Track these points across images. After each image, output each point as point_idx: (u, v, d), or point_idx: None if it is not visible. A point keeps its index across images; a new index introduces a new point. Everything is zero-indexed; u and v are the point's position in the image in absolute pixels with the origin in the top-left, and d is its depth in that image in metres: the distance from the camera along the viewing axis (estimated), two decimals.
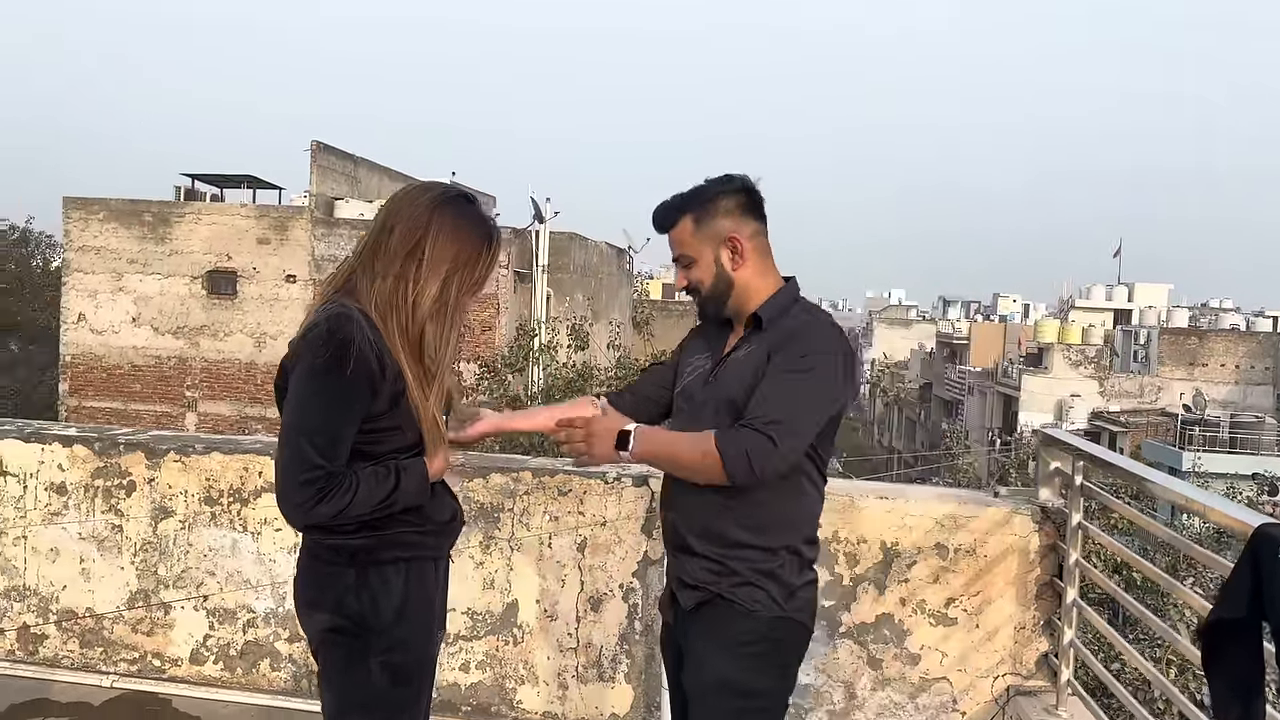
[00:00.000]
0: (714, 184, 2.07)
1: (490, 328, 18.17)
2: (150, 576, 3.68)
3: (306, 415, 1.80)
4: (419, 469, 1.90)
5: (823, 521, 3.25)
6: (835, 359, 1.99)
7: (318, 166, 19.58)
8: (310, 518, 1.80)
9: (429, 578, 1.97)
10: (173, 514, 3.65)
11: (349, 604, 1.87)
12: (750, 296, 2.08)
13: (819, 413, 1.97)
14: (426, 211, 1.88)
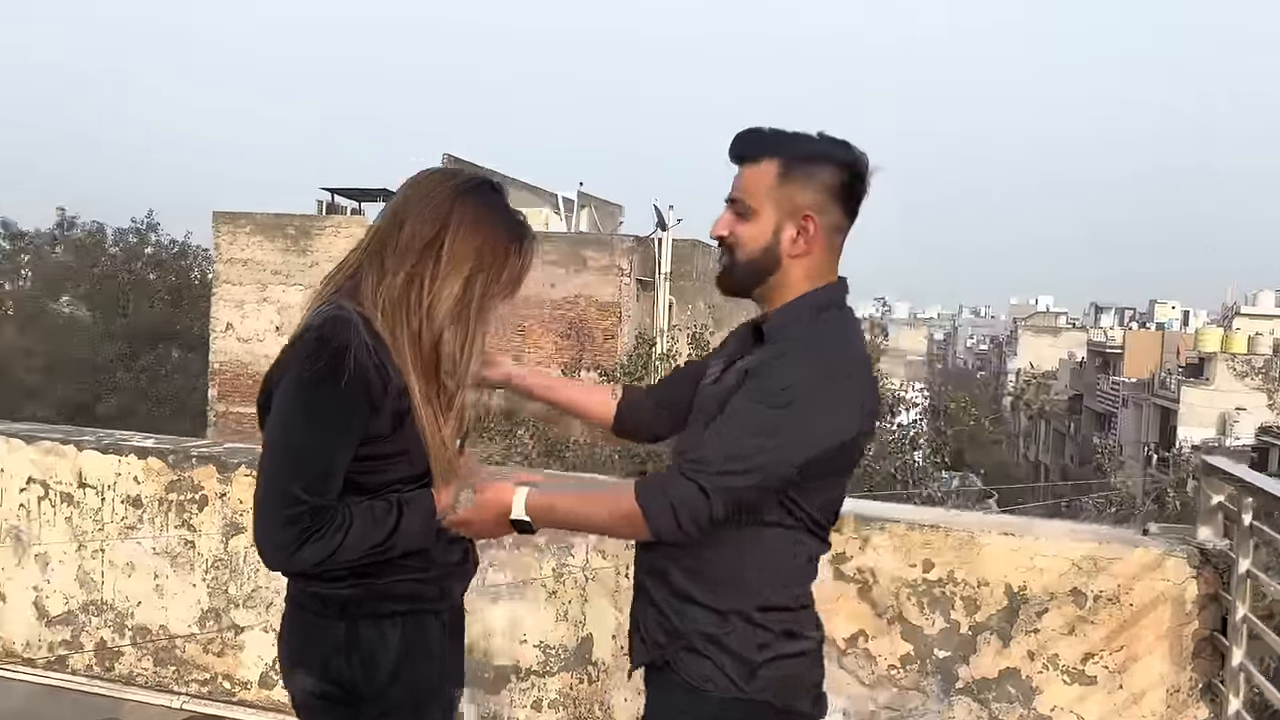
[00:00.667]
0: (826, 143, 1.62)
1: (612, 336, 18.06)
2: (221, 595, 3.56)
3: (292, 438, 1.53)
4: (424, 505, 1.61)
5: (938, 560, 2.93)
6: (826, 390, 1.56)
7: None
8: (293, 563, 1.54)
9: (433, 631, 1.68)
10: (243, 530, 3.52)
11: (336, 666, 1.60)
12: (784, 294, 1.66)
13: (784, 456, 1.53)
14: (447, 201, 1.61)
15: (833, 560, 2.95)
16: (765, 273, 1.65)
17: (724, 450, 1.52)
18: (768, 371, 1.56)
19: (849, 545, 2.94)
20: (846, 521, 2.95)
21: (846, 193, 1.63)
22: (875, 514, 2.98)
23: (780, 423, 1.51)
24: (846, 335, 1.67)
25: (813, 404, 1.53)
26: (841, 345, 1.64)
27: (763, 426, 1.51)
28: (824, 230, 1.63)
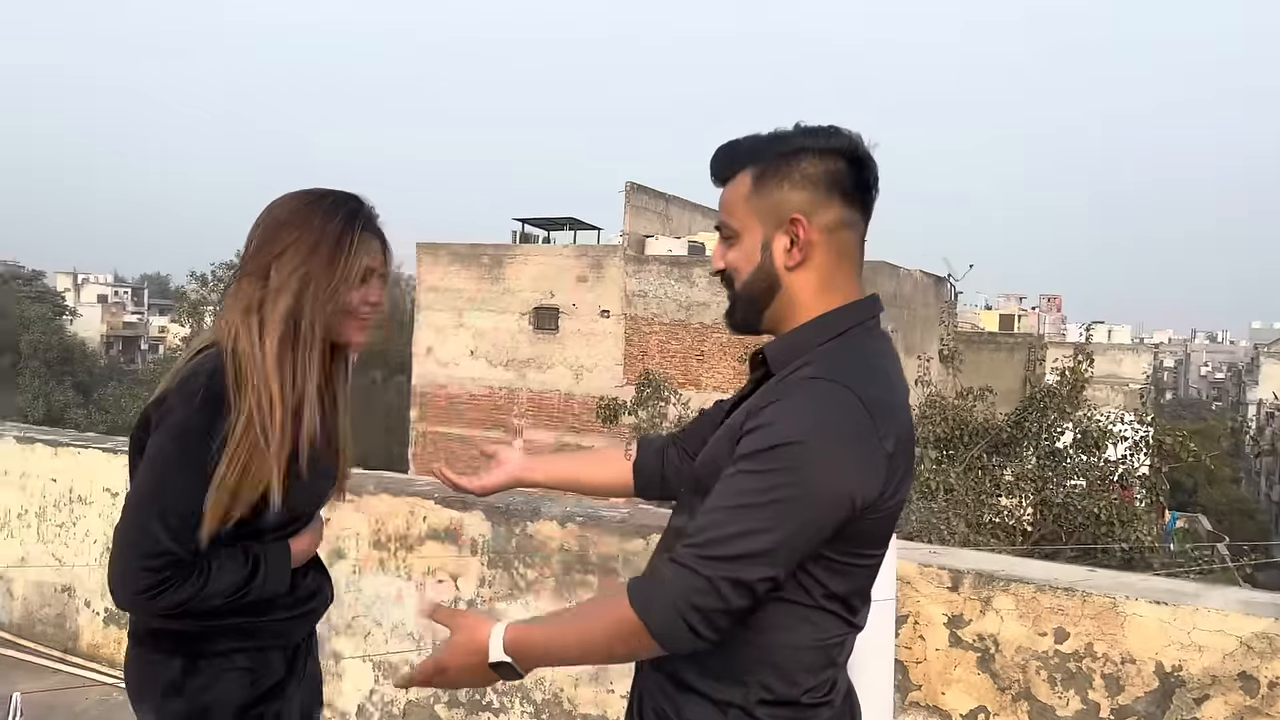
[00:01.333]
0: (801, 134, 1.34)
1: None
2: (323, 623, 3.54)
3: (164, 485, 1.46)
4: (281, 556, 1.58)
5: (1073, 629, 2.49)
6: (838, 441, 1.23)
7: (631, 206, 20.21)
8: (149, 609, 1.49)
9: (276, 668, 1.62)
10: (345, 556, 3.50)
11: (173, 705, 1.54)
12: (796, 315, 1.35)
13: (793, 530, 1.22)
14: (273, 215, 1.55)
15: (949, 623, 2.58)
16: (766, 297, 1.36)
17: (722, 528, 1.22)
18: (767, 420, 1.25)
19: (967, 607, 2.56)
20: (964, 579, 2.57)
21: (841, 182, 1.33)
22: (999, 571, 2.58)
23: (783, 489, 1.21)
24: (869, 364, 1.32)
25: (820, 461, 1.22)
26: (861, 377, 1.28)
27: (764, 493, 1.21)
28: (821, 230, 1.33)
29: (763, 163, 1.34)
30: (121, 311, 76.46)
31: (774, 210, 1.33)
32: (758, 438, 1.23)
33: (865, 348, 1.34)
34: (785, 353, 1.34)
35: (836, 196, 1.32)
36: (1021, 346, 26.21)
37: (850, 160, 1.33)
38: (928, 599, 2.61)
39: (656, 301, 19.67)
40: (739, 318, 1.40)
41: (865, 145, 1.34)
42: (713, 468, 1.33)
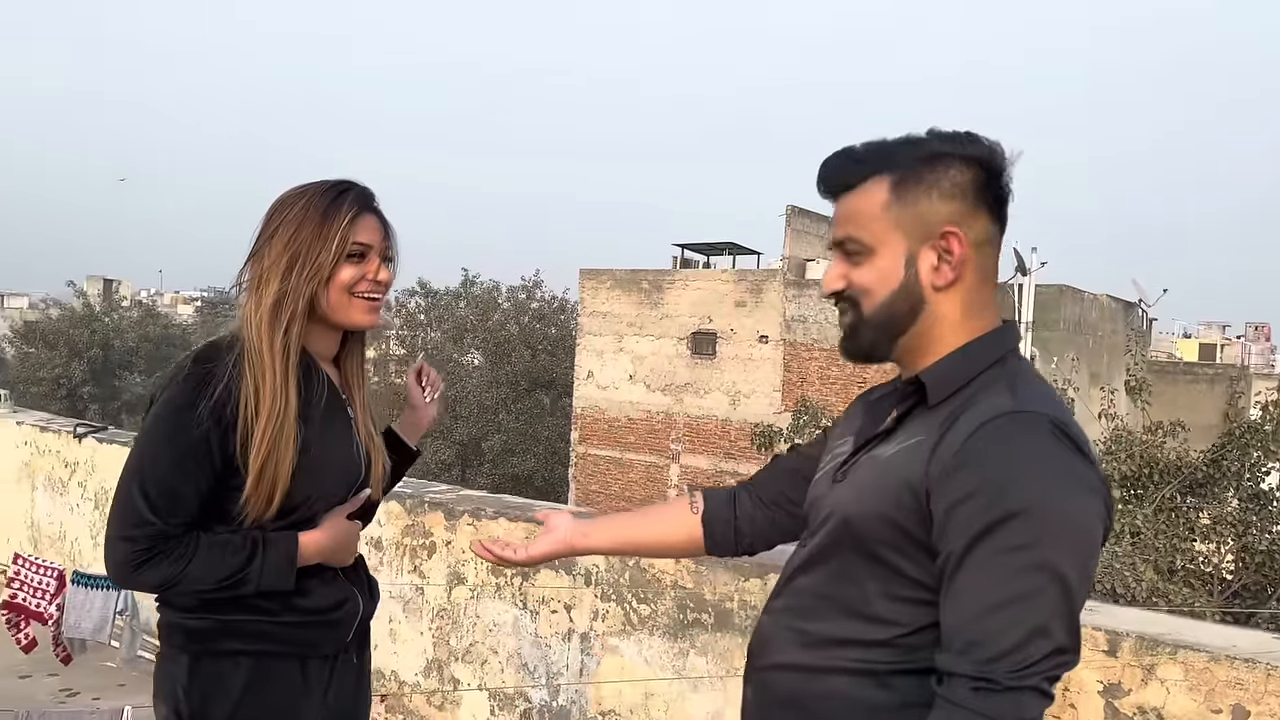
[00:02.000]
0: (943, 139, 1.20)
1: None
2: (444, 646, 3.51)
3: (145, 459, 1.47)
4: (285, 547, 1.51)
5: (1254, 707, 2.10)
6: (1070, 488, 1.07)
7: (792, 230, 19.85)
8: (133, 581, 1.48)
9: (286, 680, 1.55)
10: (464, 581, 3.46)
11: (180, 700, 1.52)
12: (937, 342, 1.20)
13: (1079, 588, 1.07)
14: (274, 203, 1.57)
15: (1105, 692, 2.25)
16: (905, 321, 1.20)
17: (1014, 631, 1.04)
18: (985, 481, 1.07)
19: (1127, 674, 2.23)
20: (1124, 642, 2.24)
21: (987, 194, 1.19)
22: (1165, 635, 2.23)
23: (1052, 562, 1.05)
24: (1048, 392, 1.18)
25: (1068, 509, 1.07)
26: (1053, 406, 1.14)
27: (1033, 572, 1.04)
28: (972, 245, 1.18)
29: (901, 169, 1.19)
30: None
31: (920, 222, 1.18)
32: (984, 504, 1.06)
33: (1031, 374, 1.19)
34: (946, 380, 1.17)
35: (984, 209, 1.18)
36: (1222, 378, 24.08)
37: (995, 171, 1.19)
38: (1081, 664, 2.28)
39: (817, 327, 19.20)
40: (866, 344, 1.23)
41: (1004, 154, 1.19)
42: (874, 521, 1.16)
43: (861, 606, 1.17)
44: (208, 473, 1.47)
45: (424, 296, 34.27)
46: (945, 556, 1.08)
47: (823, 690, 1.18)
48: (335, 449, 1.58)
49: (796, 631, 1.22)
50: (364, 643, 1.72)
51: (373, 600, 1.72)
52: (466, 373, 30.69)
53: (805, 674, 1.19)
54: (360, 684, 1.71)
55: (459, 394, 28.81)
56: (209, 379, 1.47)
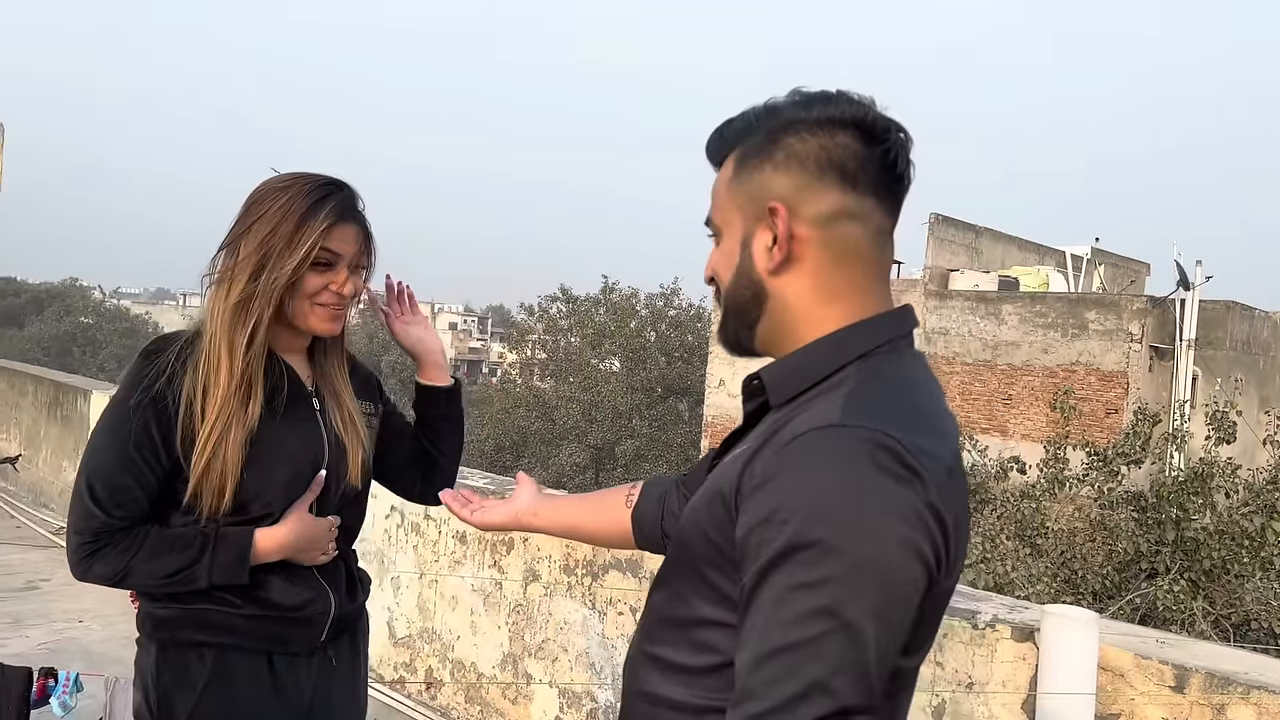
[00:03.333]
0: (795, 104, 1.06)
1: (1115, 410, 15.83)
2: (519, 641, 3.57)
3: (92, 453, 1.50)
4: (237, 542, 1.51)
5: None
6: (874, 514, 0.90)
7: (934, 239, 19.23)
8: (84, 574, 1.50)
9: (251, 674, 1.55)
10: (539, 578, 3.51)
11: (150, 688, 1.55)
12: (796, 331, 1.06)
13: (881, 639, 0.90)
14: (253, 193, 1.55)
15: None
16: (754, 309, 1.07)
17: (790, 681, 0.89)
18: (780, 502, 0.92)
19: (1194, 713, 2.07)
20: (1191, 678, 2.08)
21: (841, 161, 1.03)
22: (1239, 673, 2.06)
23: (844, 604, 0.89)
24: (900, 398, 1.00)
25: (871, 545, 0.90)
26: (894, 418, 0.95)
27: (819, 617, 0.89)
28: (812, 223, 1.03)
29: (748, 142, 1.08)
30: (468, 338, 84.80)
31: (753, 199, 1.06)
32: (776, 530, 0.91)
33: (893, 376, 1.02)
34: (787, 379, 1.05)
35: (832, 179, 1.03)
36: None
37: (864, 131, 1.03)
38: (1144, 698, 2.13)
39: (959, 340, 18.53)
40: (731, 335, 1.12)
41: (878, 112, 1.04)
42: (698, 536, 1.04)
43: (695, 632, 1.04)
44: (154, 466, 1.47)
45: (565, 302, 34.95)
46: (741, 589, 0.95)
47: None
48: (291, 441, 1.56)
49: (647, 655, 1.11)
50: (352, 644, 1.70)
51: (354, 600, 1.69)
52: (604, 378, 31.12)
53: (651, 703, 1.08)
54: (346, 685, 1.68)
55: (594, 398, 29.22)
56: (151, 372, 1.48)
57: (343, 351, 1.68)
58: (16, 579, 5.44)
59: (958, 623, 2.43)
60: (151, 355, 1.50)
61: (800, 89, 1.07)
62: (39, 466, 7.55)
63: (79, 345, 36.68)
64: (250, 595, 1.54)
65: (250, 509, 1.53)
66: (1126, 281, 22.44)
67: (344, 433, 1.62)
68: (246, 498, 1.51)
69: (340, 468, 1.62)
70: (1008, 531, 11.64)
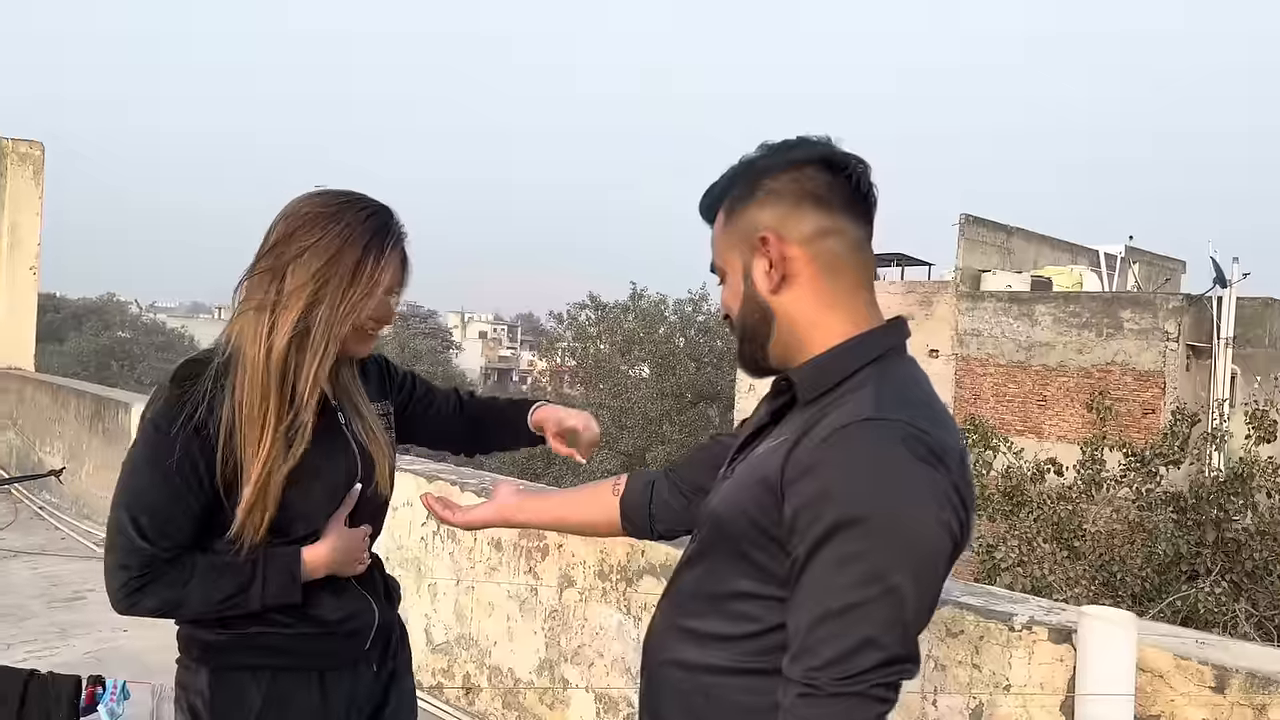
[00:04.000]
0: (766, 155, 1.25)
1: (1153, 411, 15.63)
2: (555, 647, 3.60)
3: (132, 485, 1.46)
4: (286, 562, 1.51)
5: None
6: (913, 487, 1.07)
7: (965, 239, 19.12)
8: (132, 610, 1.47)
9: (305, 693, 1.55)
10: (574, 584, 3.54)
11: (201, 712, 1.53)
12: (803, 342, 1.21)
13: (919, 598, 1.08)
14: (298, 213, 1.50)
15: None
16: (763, 330, 1.24)
17: (844, 640, 1.05)
18: (824, 487, 1.07)
19: (1235, 714, 2.05)
20: (1232, 679, 2.07)
21: (813, 190, 1.21)
22: (1278, 674, 2.04)
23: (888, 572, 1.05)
24: (917, 395, 1.17)
25: (906, 517, 1.06)
26: (913, 410, 1.12)
27: (867, 583, 1.05)
28: (798, 244, 1.20)
29: (733, 194, 1.26)
30: (498, 346, 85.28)
31: (745, 236, 1.23)
32: (826, 509, 1.06)
33: (904, 377, 1.19)
34: (814, 379, 1.19)
35: (809, 206, 1.20)
36: None
37: (826, 166, 1.21)
38: (1185, 699, 2.12)
39: (992, 341, 18.39)
40: (749, 358, 1.29)
41: (836, 148, 1.22)
42: (739, 518, 1.18)
43: (733, 604, 1.18)
44: (198, 495, 1.45)
45: (594, 309, 35.05)
46: (792, 561, 1.10)
47: (698, 686, 1.20)
48: (326, 460, 1.55)
49: (678, 628, 1.24)
50: (388, 651, 1.70)
51: (391, 606, 1.70)
52: (633, 384, 31.16)
53: (685, 670, 1.22)
54: (389, 693, 1.68)
55: (625, 405, 29.29)
56: (188, 400, 1.43)
57: (353, 360, 1.66)
58: (63, 589, 5.55)
59: (994, 625, 2.43)
60: (185, 381, 1.46)
61: (766, 142, 1.26)
62: (82, 479, 7.70)
63: (118, 359, 37.30)
64: (300, 614, 1.54)
65: (294, 529, 1.53)
66: (1162, 280, 22.19)
67: (369, 443, 1.62)
68: (290, 518, 1.51)
69: (371, 478, 1.63)
70: (1045, 534, 11.53)
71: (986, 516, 11.71)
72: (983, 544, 10.80)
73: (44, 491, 7.98)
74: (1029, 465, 12.32)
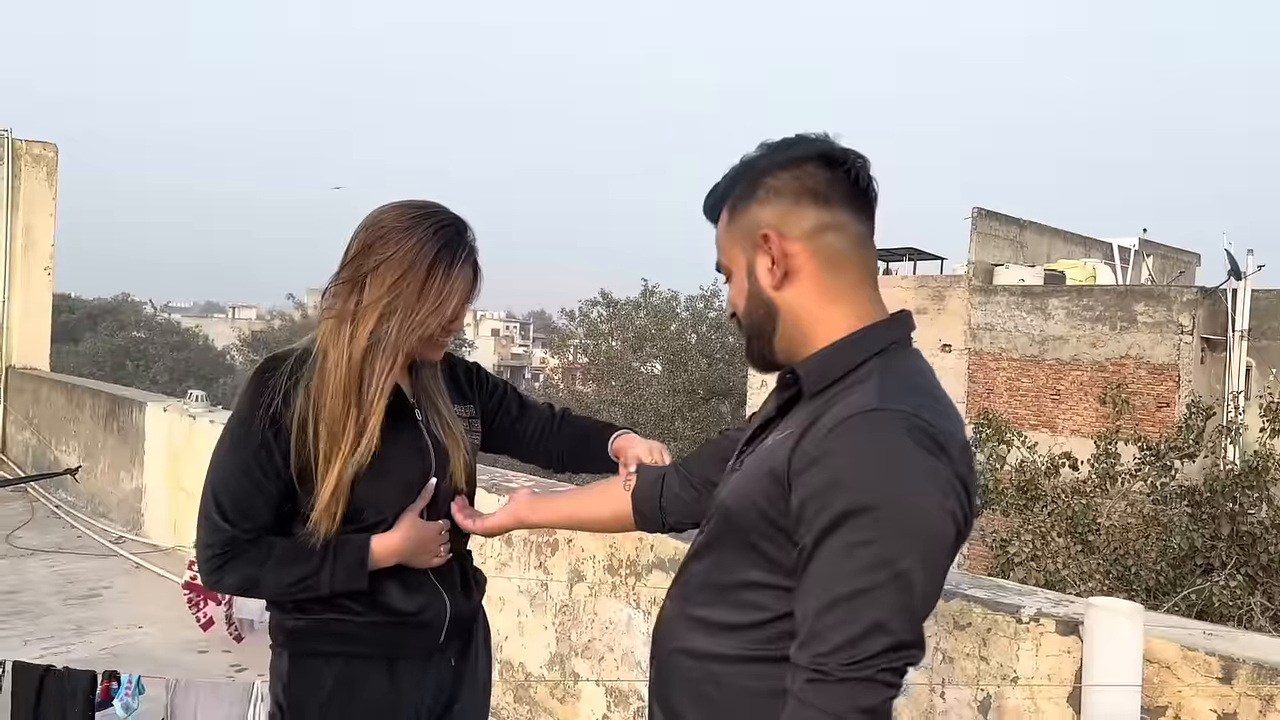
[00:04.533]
0: (765, 153, 1.26)
1: (1167, 404, 15.54)
2: (565, 641, 3.62)
3: (217, 468, 1.57)
4: (356, 550, 1.56)
5: None
6: (918, 476, 1.08)
7: (978, 233, 19.04)
8: (218, 586, 1.59)
9: (374, 680, 1.60)
10: (584, 579, 3.56)
11: (281, 695, 1.63)
12: (808, 336, 1.23)
13: (926, 584, 1.09)
14: (378, 225, 1.57)
15: None
16: (768, 325, 1.26)
17: (852, 625, 1.06)
18: (832, 476, 1.09)
19: (1243, 705, 2.05)
20: (1239, 670, 2.07)
21: (812, 187, 1.22)
22: None
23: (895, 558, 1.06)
24: (921, 385, 1.18)
25: (912, 505, 1.08)
26: (918, 401, 1.14)
27: (875, 569, 1.06)
28: (799, 239, 1.21)
29: (736, 193, 1.28)
30: (510, 344, 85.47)
31: (748, 234, 1.25)
32: (833, 499, 1.08)
33: (908, 369, 1.21)
34: (820, 372, 1.21)
35: (808, 202, 1.22)
36: None
37: (826, 162, 1.22)
38: (1192, 690, 2.12)
39: (1005, 335, 18.32)
40: (756, 354, 1.30)
41: (835, 144, 1.24)
42: (748, 509, 1.20)
43: (741, 594, 1.20)
44: (274, 480, 1.54)
45: (605, 306, 35.07)
46: (799, 550, 1.11)
47: (707, 675, 1.22)
48: (400, 455, 1.61)
49: (688, 617, 1.26)
50: (467, 645, 1.73)
51: (470, 600, 1.73)
52: (645, 381, 31.19)
53: (694, 659, 1.23)
54: (462, 686, 1.71)
55: (636, 401, 29.31)
56: (266, 390, 1.54)
57: (437, 362, 1.73)
58: (79, 587, 5.61)
59: (1002, 617, 2.43)
60: (265, 375, 1.56)
61: (765, 141, 1.27)
62: (97, 477, 7.77)
63: (133, 359, 37.54)
64: (371, 602, 1.60)
65: (364, 517, 1.59)
66: (1176, 272, 22.06)
67: (445, 438, 1.67)
68: (360, 506, 1.57)
69: (445, 471, 1.67)
70: (1059, 529, 11.49)
71: (1000, 511, 11.68)
72: (996, 539, 10.78)
73: (60, 490, 8.05)
74: (1043, 460, 12.28)
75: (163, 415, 6.80)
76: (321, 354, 1.56)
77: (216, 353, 42.64)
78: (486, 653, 1.81)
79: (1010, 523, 11.36)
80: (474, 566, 1.78)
